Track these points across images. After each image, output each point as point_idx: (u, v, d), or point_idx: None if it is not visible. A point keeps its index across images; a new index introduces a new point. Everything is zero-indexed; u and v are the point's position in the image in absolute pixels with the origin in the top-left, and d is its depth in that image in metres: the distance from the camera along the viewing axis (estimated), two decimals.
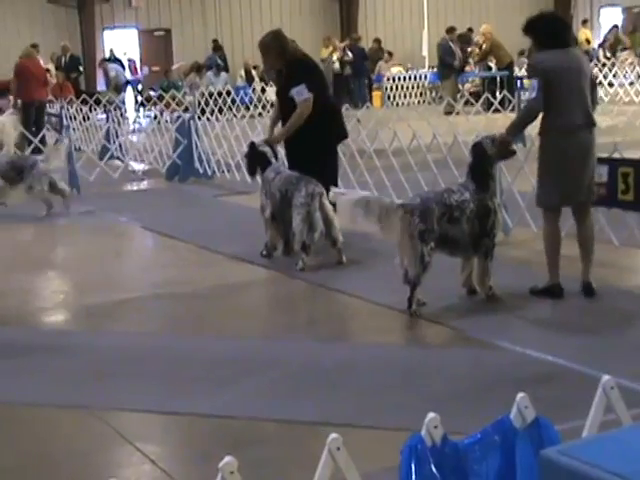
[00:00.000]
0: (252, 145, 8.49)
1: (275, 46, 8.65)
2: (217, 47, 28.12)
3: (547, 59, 6.55)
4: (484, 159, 6.64)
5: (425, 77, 27.59)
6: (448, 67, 23.44)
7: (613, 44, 29.74)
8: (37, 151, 14.76)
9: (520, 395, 2.72)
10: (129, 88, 27.26)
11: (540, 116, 6.58)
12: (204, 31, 29.96)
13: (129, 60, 28.73)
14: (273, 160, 8.31)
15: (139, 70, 29.45)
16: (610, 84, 23.14)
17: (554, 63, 6.48)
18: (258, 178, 8.62)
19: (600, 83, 21.81)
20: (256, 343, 6.15)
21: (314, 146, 8.39)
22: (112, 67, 26.95)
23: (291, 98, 8.44)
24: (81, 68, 26.76)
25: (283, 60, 8.65)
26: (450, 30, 24.35)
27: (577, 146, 6.50)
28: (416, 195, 6.79)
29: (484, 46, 22.80)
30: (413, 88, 27.17)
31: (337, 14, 31.90)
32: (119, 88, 26.06)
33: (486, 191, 6.60)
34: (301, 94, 8.38)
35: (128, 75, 27.91)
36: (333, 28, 31.10)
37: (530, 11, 7.15)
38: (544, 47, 6.63)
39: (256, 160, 8.40)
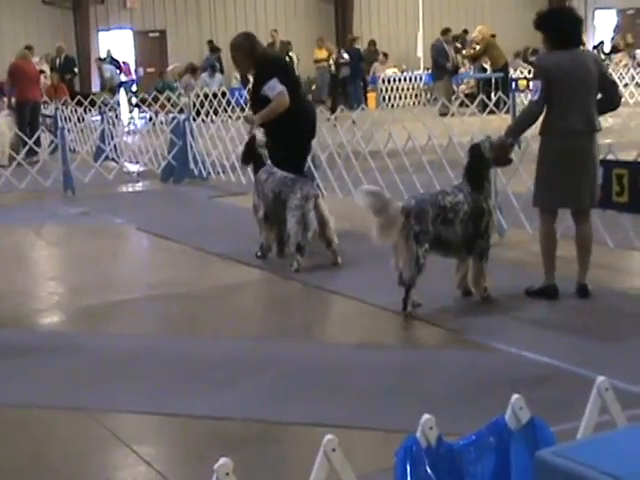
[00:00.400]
0: (253, 138, 8.44)
1: (245, 46, 8.65)
2: (214, 48, 28.10)
3: (550, 60, 6.50)
4: (481, 161, 6.62)
5: (420, 78, 27.59)
6: (441, 68, 23.45)
7: (618, 45, 29.85)
8: (32, 152, 14.77)
9: (515, 396, 2.73)
10: (121, 90, 27.19)
11: (541, 117, 6.51)
12: (199, 32, 29.94)
13: (123, 63, 28.69)
14: (268, 162, 8.29)
15: (132, 72, 29.39)
16: None
17: (558, 64, 6.41)
18: (251, 176, 8.58)
19: None
20: (251, 344, 6.14)
21: (284, 142, 8.33)
22: (107, 68, 26.91)
23: (263, 99, 8.40)
24: (76, 69, 26.72)
25: (252, 59, 8.64)
26: (445, 32, 24.33)
27: (575, 150, 6.46)
28: (411, 197, 6.76)
29: (479, 46, 22.79)
30: (408, 89, 27.18)
31: (332, 16, 31.88)
32: (114, 89, 26.03)
33: (481, 192, 6.59)
34: (273, 88, 8.32)
35: (122, 77, 27.86)
36: (328, 30, 31.07)
37: (526, 13, 7.14)
38: (554, 46, 6.53)
39: (252, 155, 8.40)
